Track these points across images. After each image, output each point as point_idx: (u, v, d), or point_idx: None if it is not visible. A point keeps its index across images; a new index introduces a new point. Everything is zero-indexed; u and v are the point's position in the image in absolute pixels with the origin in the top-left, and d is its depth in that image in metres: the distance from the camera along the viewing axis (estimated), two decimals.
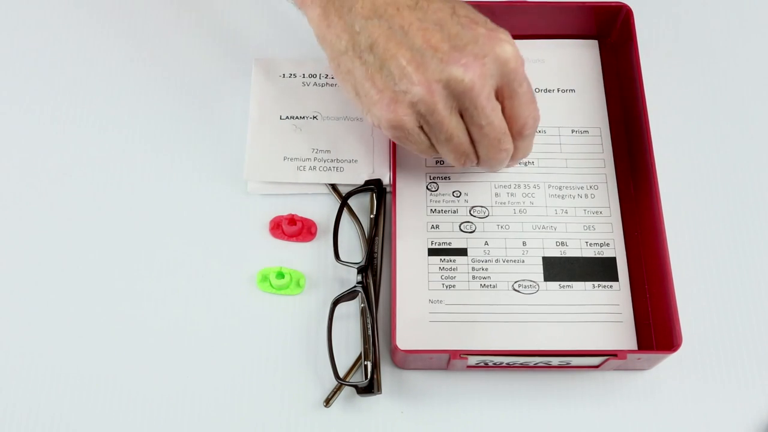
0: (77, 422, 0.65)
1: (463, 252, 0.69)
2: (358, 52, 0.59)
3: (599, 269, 0.69)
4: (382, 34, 0.58)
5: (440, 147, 0.62)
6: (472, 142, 0.62)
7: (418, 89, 0.57)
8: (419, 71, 0.57)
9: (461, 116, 0.60)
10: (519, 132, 0.62)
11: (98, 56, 0.78)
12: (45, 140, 0.74)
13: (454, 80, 0.57)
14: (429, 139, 0.62)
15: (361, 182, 0.72)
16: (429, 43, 0.57)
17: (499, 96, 0.60)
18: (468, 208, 0.71)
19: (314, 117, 0.75)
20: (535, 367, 0.65)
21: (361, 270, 0.68)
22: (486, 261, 0.69)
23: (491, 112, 0.59)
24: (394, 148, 0.71)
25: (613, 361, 0.63)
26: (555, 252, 0.69)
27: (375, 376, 0.64)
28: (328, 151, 0.73)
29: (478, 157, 0.63)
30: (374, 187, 0.71)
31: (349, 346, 0.67)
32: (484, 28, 0.59)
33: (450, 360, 0.63)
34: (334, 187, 0.72)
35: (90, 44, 0.78)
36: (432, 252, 0.69)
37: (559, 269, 0.69)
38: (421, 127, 0.60)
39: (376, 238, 0.70)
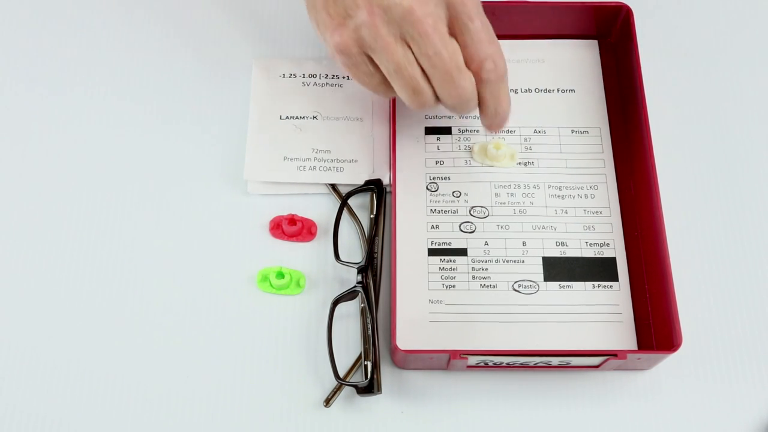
0: (77, 422, 0.65)
1: (463, 252, 0.69)
2: None
3: (599, 269, 0.69)
4: None
5: (392, 81, 0.62)
6: (428, 79, 0.62)
7: (361, 12, 0.59)
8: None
9: (410, 48, 0.60)
10: (477, 74, 0.62)
11: (98, 56, 0.78)
12: (45, 140, 0.74)
13: (394, 4, 0.58)
14: (380, 72, 0.62)
15: (361, 182, 0.72)
16: None
17: (452, 31, 0.60)
18: (468, 208, 0.71)
19: (314, 117, 0.75)
20: (535, 367, 0.65)
21: (361, 270, 0.68)
22: (486, 261, 0.69)
23: (438, 41, 0.59)
24: (394, 148, 0.71)
25: (613, 361, 0.63)
26: (555, 252, 0.69)
27: (375, 376, 0.64)
28: (328, 151, 0.73)
29: (437, 96, 0.63)
30: (374, 187, 0.71)
31: (349, 346, 0.67)
32: None
33: (450, 360, 0.63)
34: (334, 187, 0.72)
35: (89, 44, 0.78)
36: (432, 252, 0.69)
37: (559, 269, 0.69)
38: (371, 59, 0.61)
39: (376, 238, 0.70)
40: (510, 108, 0.66)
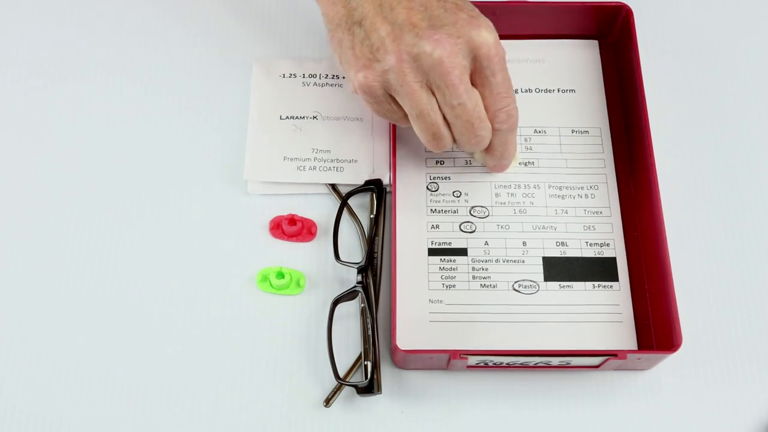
0: (77, 422, 0.65)
1: (463, 252, 0.69)
2: (350, 25, 0.62)
3: (599, 269, 0.69)
4: (371, 10, 0.61)
5: (414, 124, 0.63)
6: (448, 125, 0.63)
7: (389, 57, 0.60)
8: (395, 43, 0.60)
9: (434, 95, 0.62)
10: (491, 122, 0.63)
11: (98, 56, 0.78)
12: (45, 141, 0.74)
13: (424, 53, 0.59)
14: (402, 110, 0.64)
15: (361, 182, 0.72)
16: (410, 20, 0.60)
17: (474, 82, 0.62)
18: (468, 208, 0.71)
19: (314, 117, 0.75)
20: (535, 367, 0.65)
21: (361, 270, 0.68)
22: (486, 261, 0.69)
23: (464, 92, 0.61)
24: (394, 148, 0.71)
25: (613, 361, 0.63)
26: (555, 252, 0.69)
27: (375, 376, 0.64)
28: (328, 151, 0.73)
29: (454, 139, 0.65)
30: (374, 187, 0.71)
31: (349, 346, 0.67)
32: (467, 14, 0.61)
33: (450, 360, 0.63)
34: (334, 187, 0.72)
35: (89, 44, 0.78)
36: (432, 252, 0.69)
37: (559, 269, 0.69)
38: (393, 99, 0.63)
39: (376, 238, 0.70)
40: (516, 154, 0.69)
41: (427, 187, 0.72)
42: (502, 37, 0.61)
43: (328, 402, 0.65)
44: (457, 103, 0.61)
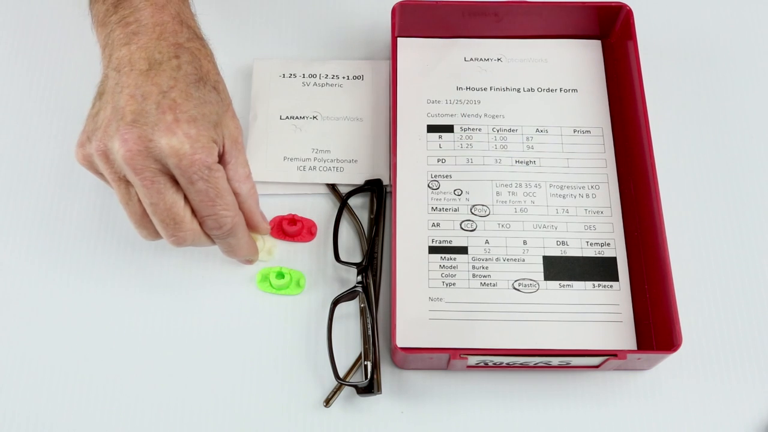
0: (77, 423, 0.65)
1: (463, 250, 0.69)
2: (98, 94, 0.60)
3: (599, 269, 0.69)
4: (109, 86, 0.59)
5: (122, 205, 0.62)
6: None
7: (92, 145, 0.58)
8: (104, 131, 0.58)
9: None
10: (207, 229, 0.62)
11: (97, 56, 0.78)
12: (46, 141, 0.75)
13: (112, 150, 0.57)
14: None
15: (361, 182, 0.72)
16: (124, 109, 0.58)
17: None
18: (469, 207, 0.71)
19: (314, 117, 0.75)
20: (535, 367, 0.65)
21: (361, 270, 0.68)
22: (486, 259, 0.69)
23: (155, 193, 0.58)
24: (394, 147, 0.71)
25: (613, 361, 0.63)
26: (555, 251, 0.69)
27: (375, 376, 0.64)
28: (328, 151, 0.73)
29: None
30: (374, 187, 0.71)
31: (349, 346, 0.67)
32: (173, 116, 0.58)
33: (450, 360, 0.63)
34: (334, 187, 0.72)
35: (89, 44, 0.79)
36: (432, 250, 0.69)
37: (559, 268, 0.69)
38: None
39: (376, 238, 0.70)
40: (268, 248, 0.68)
41: (429, 185, 0.72)
42: (504, 37, 0.60)
43: (328, 402, 0.65)
44: (149, 202, 0.59)
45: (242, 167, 0.63)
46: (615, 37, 0.77)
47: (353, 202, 0.72)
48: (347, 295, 0.67)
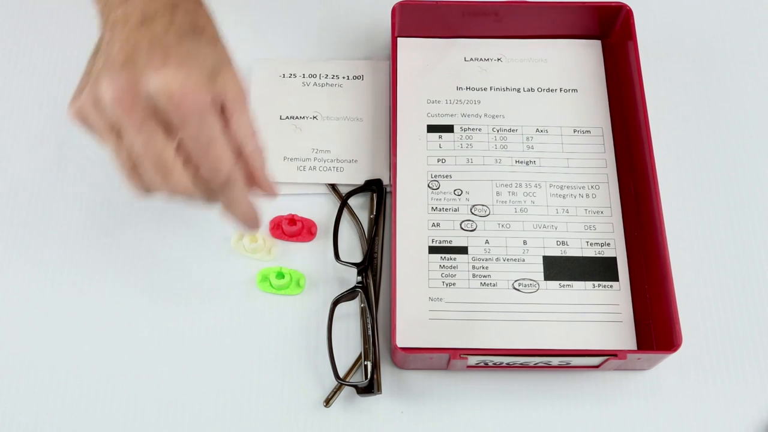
0: (77, 423, 0.65)
1: (463, 250, 0.69)
2: (93, 53, 0.60)
3: (599, 269, 0.69)
4: (103, 44, 0.59)
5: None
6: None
7: (85, 95, 0.57)
8: (95, 80, 0.57)
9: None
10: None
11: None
12: (47, 143, 0.75)
13: (101, 95, 0.56)
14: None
15: (361, 182, 0.72)
16: (115, 58, 0.57)
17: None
18: (469, 207, 0.71)
19: (314, 117, 0.75)
20: (535, 367, 0.65)
21: (361, 270, 0.68)
22: (486, 259, 0.69)
23: (139, 129, 0.56)
24: (394, 147, 0.71)
25: (613, 361, 0.63)
26: (555, 251, 0.69)
27: (375, 376, 0.64)
28: (328, 151, 0.73)
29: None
30: (374, 187, 0.71)
31: (349, 346, 0.67)
32: (165, 59, 0.56)
33: (450, 360, 0.63)
34: (334, 187, 0.72)
35: (88, 43, 0.79)
36: (432, 250, 0.69)
37: (559, 268, 0.69)
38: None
39: (376, 238, 0.70)
40: (251, 215, 0.63)
41: (429, 185, 0.72)
42: (504, 37, 0.60)
43: (328, 402, 0.65)
44: (139, 147, 0.57)
45: (246, 124, 0.60)
46: (615, 37, 0.77)
47: (353, 202, 0.72)
48: (347, 295, 0.67)
